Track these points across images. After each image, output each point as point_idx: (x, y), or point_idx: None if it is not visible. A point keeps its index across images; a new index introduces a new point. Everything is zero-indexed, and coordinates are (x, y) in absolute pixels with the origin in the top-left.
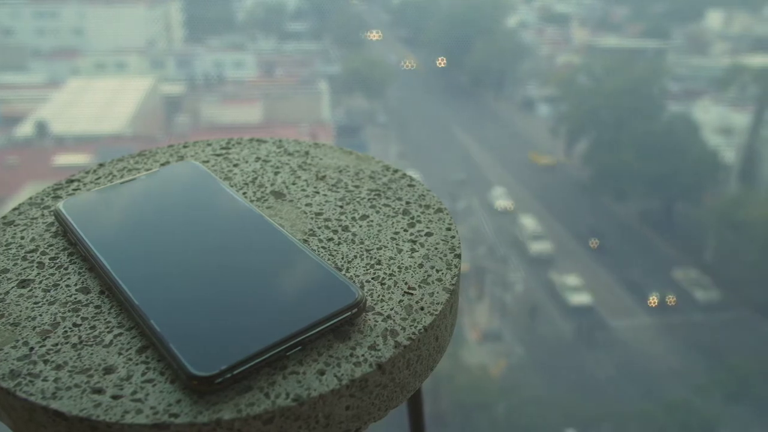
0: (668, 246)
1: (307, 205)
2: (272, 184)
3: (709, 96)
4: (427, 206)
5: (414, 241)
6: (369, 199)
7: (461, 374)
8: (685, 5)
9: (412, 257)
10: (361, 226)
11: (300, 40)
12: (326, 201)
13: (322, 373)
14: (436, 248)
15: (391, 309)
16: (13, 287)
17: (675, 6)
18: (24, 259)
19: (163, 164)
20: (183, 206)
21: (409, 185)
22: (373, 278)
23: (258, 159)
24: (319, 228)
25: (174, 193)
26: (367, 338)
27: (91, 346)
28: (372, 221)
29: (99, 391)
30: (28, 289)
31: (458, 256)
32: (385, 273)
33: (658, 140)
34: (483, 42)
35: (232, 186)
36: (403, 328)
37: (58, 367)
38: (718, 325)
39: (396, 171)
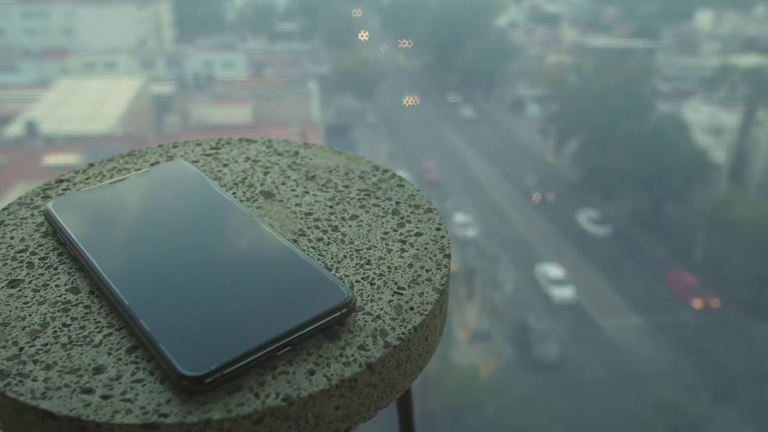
0: (658, 246)
1: (296, 205)
2: (262, 184)
3: (698, 96)
4: (417, 206)
5: (404, 241)
6: (359, 199)
7: (451, 374)
8: (674, 5)
9: (401, 257)
10: (350, 226)
11: (290, 40)
12: (316, 201)
13: (311, 373)
14: (425, 248)
15: (381, 309)
16: (2, 287)
17: (665, 6)
18: (13, 259)
19: (152, 164)
20: (173, 206)
21: (399, 185)
22: (362, 278)
23: (248, 159)
24: (309, 228)
25: (164, 193)
26: (357, 338)
27: (80, 346)
28: (362, 221)
29: (89, 391)
30: (18, 289)
31: (448, 256)
32: (374, 273)
33: (648, 140)
34: (473, 42)
35: (221, 186)
36: (393, 328)
37: (48, 367)
38: (707, 325)
39: (386, 171)
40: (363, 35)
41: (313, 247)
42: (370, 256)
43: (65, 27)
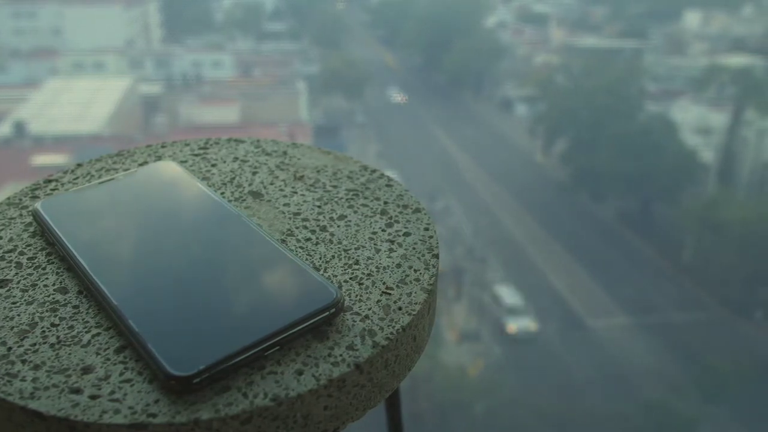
0: (647, 246)
1: (285, 205)
2: (250, 184)
3: (687, 96)
4: (405, 206)
5: (392, 241)
6: (347, 199)
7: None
8: (663, 5)
9: (390, 257)
10: (339, 226)
11: (278, 40)
12: (304, 201)
13: (300, 373)
14: (414, 248)
15: (369, 309)
16: None
17: (653, 6)
18: (2, 259)
19: (141, 164)
20: (161, 206)
21: (387, 185)
22: (351, 278)
23: (236, 159)
24: (297, 228)
25: (152, 194)
26: (345, 338)
27: (69, 346)
28: (350, 221)
29: (77, 391)
30: (6, 289)
31: (436, 256)
32: (363, 273)
33: (636, 140)
34: (461, 42)
35: (210, 186)
36: (381, 328)
37: (36, 367)
38: (696, 325)
39: (374, 171)
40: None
41: (301, 247)
42: (358, 256)
43: (53, 27)
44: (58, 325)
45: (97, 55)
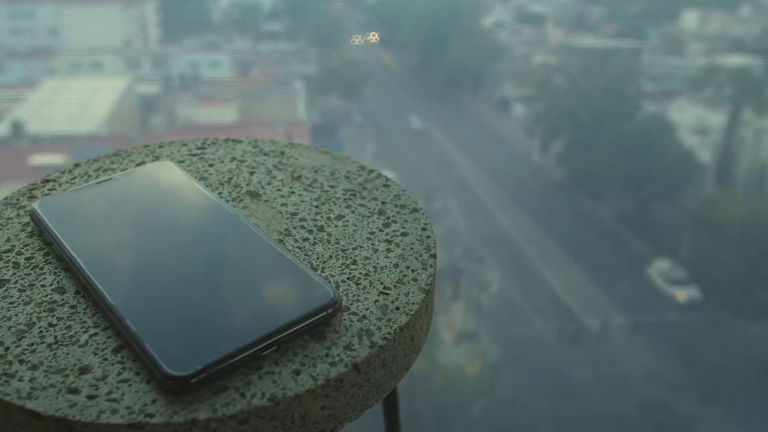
0: (644, 246)
1: (282, 205)
2: (248, 184)
3: (684, 96)
4: (403, 206)
5: (389, 241)
6: (344, 199)
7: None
8: (660, 5)
9: (387, 257)
10: (336, 226)
11: (276, 40)
12: (302, 201)
13: (297, 373)
14: (411, 248)
15: (367, 309)
16: None
17: (650, 6)
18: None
19: (138, 164)
20: (158, 206)
21: (385, 185)
22: (348, 278)
23: (233, 159)
24: (295, 228)
25: (149, 194)
26: (343, 338)
27: (66, 346)
28: (347, 221)
29: (74, 391)
30: (4, 289)
31: (433, 256)
32: (360, 273)
33: (634, 140)
34: (459, 42)
35: (207, 186)
36: (379, 328)
37: (34, 367)
38: (694, 325)
39: (371, 171)
40: (357, 40)
41: (299, 247)
42: (356, 256)
43: (51, 27)
44: (56, 325)
45: (94, 55)
